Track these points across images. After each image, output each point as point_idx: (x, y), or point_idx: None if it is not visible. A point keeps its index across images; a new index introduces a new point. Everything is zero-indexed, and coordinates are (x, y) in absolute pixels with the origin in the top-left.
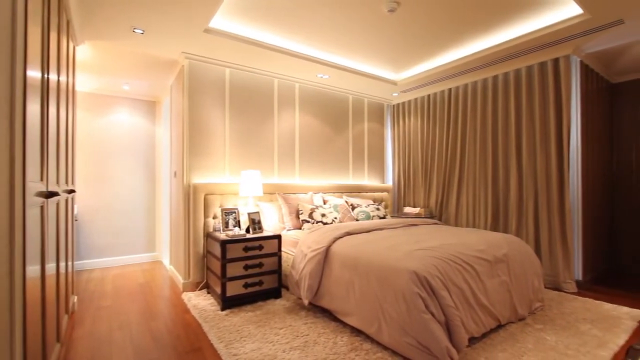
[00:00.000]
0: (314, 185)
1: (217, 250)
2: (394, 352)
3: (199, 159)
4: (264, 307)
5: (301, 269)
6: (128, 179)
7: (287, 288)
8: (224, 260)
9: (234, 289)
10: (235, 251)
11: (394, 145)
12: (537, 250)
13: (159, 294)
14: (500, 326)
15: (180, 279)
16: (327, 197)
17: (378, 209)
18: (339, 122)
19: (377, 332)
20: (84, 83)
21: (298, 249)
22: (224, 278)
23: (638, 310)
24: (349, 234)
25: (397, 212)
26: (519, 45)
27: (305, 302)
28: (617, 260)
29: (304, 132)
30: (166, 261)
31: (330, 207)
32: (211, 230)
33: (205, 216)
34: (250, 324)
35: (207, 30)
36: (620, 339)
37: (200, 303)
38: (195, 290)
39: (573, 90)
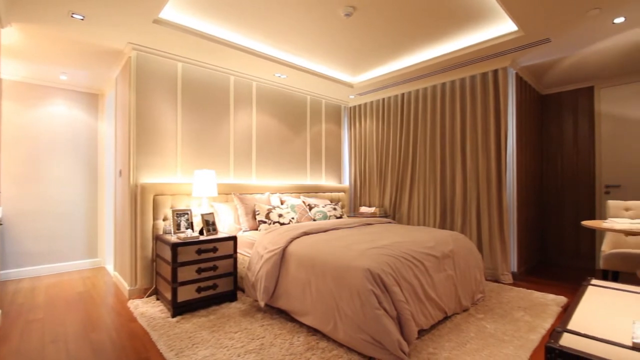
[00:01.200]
0: (271, 185)
1: (167, 253)
2: (349, 349)
3: (147, 157)
4: (219, 312)
5: (257, 271)
6: (66, 178)
7: (243, 290)
8: (175, 264)
9: (186, 294)
10: (187, 254)
11: (351, 146)
12: (479, 246)
13: (102, 302)
14: (446, 317)
15: (126, 286)
16: (285, 197)
17: (335, 209)
18: (297, 122)
19: (333, 330)
20: (10, 70)
21: (254, 250)
22: (175, 283)
23: (562, 297)
24: (306, 234)
25: (354, 211)
26: (464, 56)
27: (262, 304)
28: (545, 253)
29: (261, 132)
30: (110, 267)
31: (287, 208)
32: (161, 232)
33: (155, 218)
34: (203, 329)
35: (157, 21)
36: (547, 323)
37: (149, 310)
38: (143, 297)
39: (510, 100)
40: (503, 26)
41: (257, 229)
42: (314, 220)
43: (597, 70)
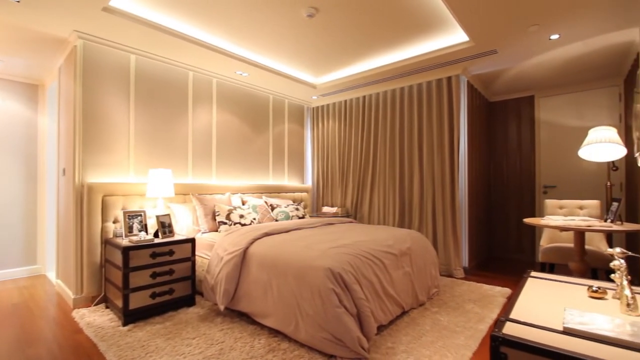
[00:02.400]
0: (232, 185)
1: (117, 258)
2: (311, 349)
3: (95, 155)
4: (175, 317)
5: (217, 273)
6: None
7: (202, 294)
8: (126, 269)
9: (139, 300)
10: (140, 258)
11: (314, 147)
12: (434, 243)
13: (41, 314)
14: (404, 312)
15: (70, 295)
16: (246, 197)
17: (297, 209)
18: (260, 121)
19: (295, 330)
20: None
21: (214, 252)
22: (126, 289)
23: (507, 288)
24: (267, 234)
25: (316, 211)
26: (422, 62)
27: (221, 307)
28: (493, 248)
29: (222, 130)
30: (52, 275)
31: (249, 208)
32: (111, 236)
33: (104, 220)
34: (158, 337)
35: (107, 9)
36: (494, 314)
37: (97, 320)
38: (90, 306)
39: (462, 105)
40: (456, 36)
41: (217, 231)
42: (276, 220)
43: (537, 81)
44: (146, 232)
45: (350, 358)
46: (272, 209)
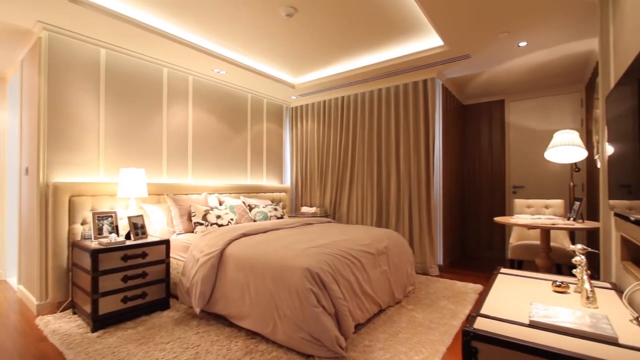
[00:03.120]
0: (209, 185)
1: (86, 261)
2: (289, 349)
3: (61, 153)
4: (149, 322)
5: (192, 275)
6: None
7: (177, 298)
8: (96, 273)
9: (110, 305)
10: (110, 261)
11: (292, 146)
12: (410, 242)
13: (1, 322)
14: (381, 310)
15: (33, 301)
16: (224, 198)
17: (276, 209)
18: (238, 120)
19: (272, 331)
20: None
21: (189, 253)
22: (96, 294)
23: (479, 285)
24: (245, 235)
25: (295, 211)
26: (399, 65)
27: (197, 310)
28: (466, 246)
29: (198, 129)
30: (13, 280)
31: (226, 209)
32: (79, 238)
33: (71, 222)
34: (129, 342)
35: (76, 1)
36: (466, 309)
37: (63, 327)
38: (55, 313)
39: (437, 108)
40: (432, 40)
41: (193, 232)
42: (254, 221)
43: (507, 85)
44: (117, 234)
45: (328, 357)
46: (250, 209)
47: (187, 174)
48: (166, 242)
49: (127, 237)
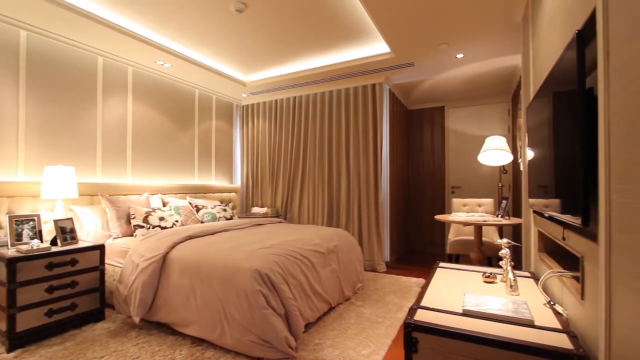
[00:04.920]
0: (151, 185)
1: (1, 272)
2: (237, 354)
3: None
4: (79, 336)
5: (131, 282)
6: None
7: (113, 307)
8: (12, 285)
9: (31, 320)
10: (32, 271)
11: (243, 145)
12: (360, 240)
13: None
14: (331, 308)
15: None
16: (168, 198)
17: (225, 210)
18: (184, 117)
19: (220, 336)
20: None
21: (128, 259)
22: (12, 308)
23: (421, 279)
24: (191, 237)
25: (246, 212)
26: (349, 68)
27: (136, 319)
28: (410, 243)
29: (139, 125)
30: None
31: (170, 210)
32: None
33: None
34: None
35: None
36: (410, 303)
37: None
38: None
39: (384, 111)
40: (380, 47)
41: (132, 235)
42: (202, 222)
43: (447, 93)
44: (40, 239)
45: (278, 359)
46: (198, 210)
47: (126, 173)
48: (100, 247)
49: (53, 242)
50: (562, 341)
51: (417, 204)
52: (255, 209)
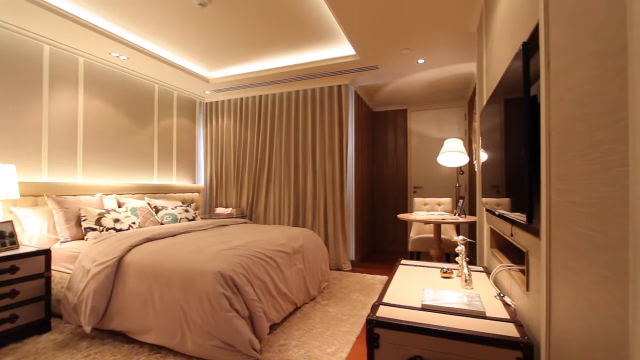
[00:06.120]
0: (105, 185)
1: None
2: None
3: None
4: (20, 350)
5: (82, 289)
6: None
7: (61, 317)
8: None
9: None
10: None
11: (207, 144)
12: (326, 240)
13: None
14: (297, 308)
15: None
16: (124, 199)
17: (187, 211)
18: (142, 113)
19: (180, 343)
20: None
21: (78, 264)
22: None
23: (385, 276)
24: (149, 240)
25: (209, 213)
26: (315, 69)
27: (87, 329)
28: (375, 241)
29: (92, 120)
30: None
31: (127, 211)
32: None
33: None
34: None
35: None
36: (374, 300)
37: None
38: None
39: (350, 112)
40: (346, 49)
41: (83, 239)
42: (162, 224)
43: (409, 97)
44: None
45: None
46: (157, 211)
47: (77, 172)
48: (46, 252)
49: None
50: (509, 330)
51: (381, 203)
52: (220, 210)
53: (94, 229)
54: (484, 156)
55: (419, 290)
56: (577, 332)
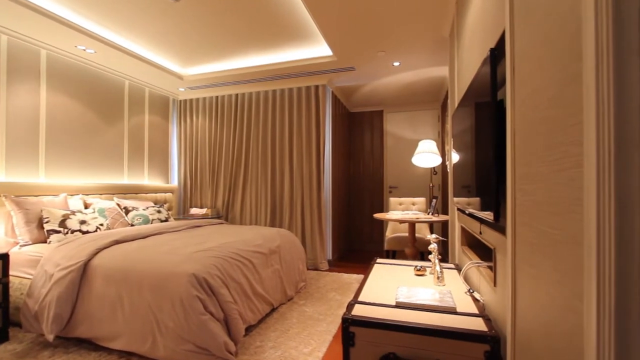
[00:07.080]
0: (70, 185)
1: None
2: None
3: None
4: None
5: (44, 296)
6: None
7: (20, 326)
8: None
9: None
10: None
11: (180, 143)
12: (303, 240)
13: None
14: (273, 309)
15: None
16: (92, 199)
17: (159, 212)
18: (111, 110)
19: (152, 348)
20: None
21: (40, 269)
22: None
23: (361, 275)
24: (118, 242)
25: (183, 213)
26: (292, 68)
27: (50, 337)
28: (351, 240)
29: (56, 117)
30: None
31: (94, 212)
32: None
33: None
34: None
35: None
36: (350, 298)
37: None
38: None
39: (327, 113)
40: (323, 49)
41: (45, 242)
42: (132, 225)
43: (385, 98)
44: None
45: None
46: (127, 212)
47: (39, 171)
48: (3, 257)
49: None
50: (478, 324)
51: (357, 203)
52: (194, 210)
53: (58, 232)
54: (455, 157)
55: (394, 288)
56: (539, 323)
